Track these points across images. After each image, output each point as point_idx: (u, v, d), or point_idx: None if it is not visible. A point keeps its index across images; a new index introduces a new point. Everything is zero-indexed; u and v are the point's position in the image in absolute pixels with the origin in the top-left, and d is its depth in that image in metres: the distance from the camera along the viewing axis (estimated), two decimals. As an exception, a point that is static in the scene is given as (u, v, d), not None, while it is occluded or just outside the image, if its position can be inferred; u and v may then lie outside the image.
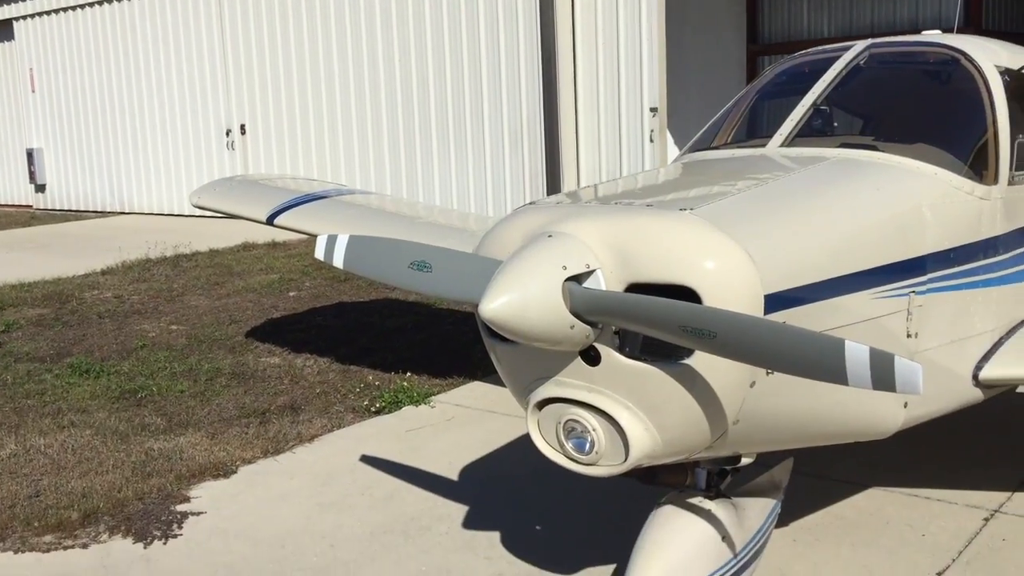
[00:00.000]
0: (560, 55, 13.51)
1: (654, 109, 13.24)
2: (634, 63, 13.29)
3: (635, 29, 13.25)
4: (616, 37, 13.36)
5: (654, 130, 13.23)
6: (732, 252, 3.05)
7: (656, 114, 13.22)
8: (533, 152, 14.03)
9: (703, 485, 3.69)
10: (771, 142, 4.36)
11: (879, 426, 3.70)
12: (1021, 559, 4.14)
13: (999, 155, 4.28)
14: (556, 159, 13.68)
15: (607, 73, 13.45)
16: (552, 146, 13.73)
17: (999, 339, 4.30)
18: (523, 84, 13.99)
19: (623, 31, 13.33)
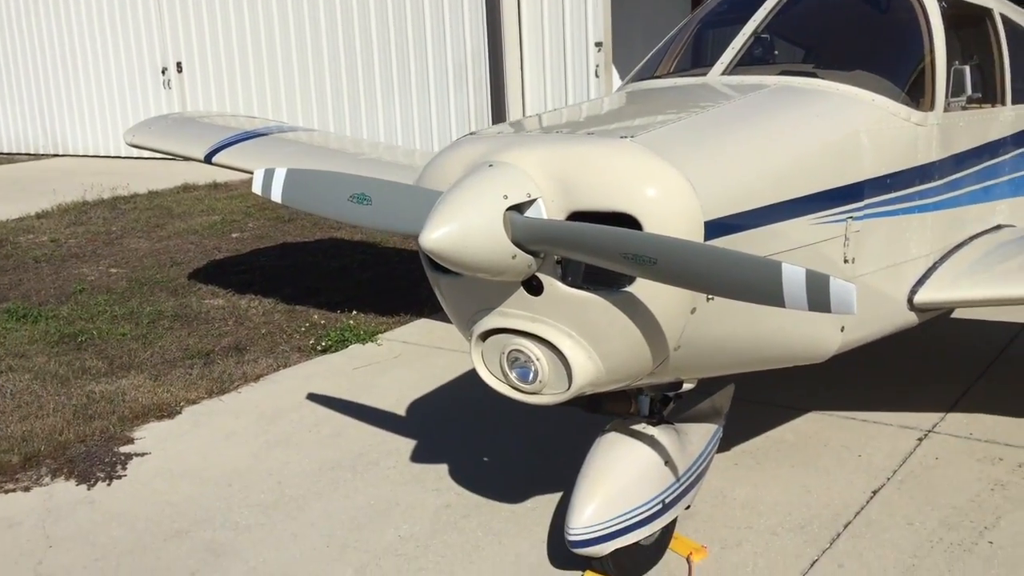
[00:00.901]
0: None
1: (599, 44, 13.14)
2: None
3: (583, -36, 13.06)
4: (560, -30, 13.17)
5: (599, 65, 13.15)
6: (672, 179, 3.05)
7: (601, 49, 13.12)
8: (478, 88, 13.87)
9: (646, 412, 3.74)
10: (712, 70, 4.35)
11: (817, 350, 3.77)
12: (953, 476, 4.29)
13: (935, 82, 4.31)
14: (501, 95, 13.54)
15: (551, 8, 13.28)
16: (497, 82, 13.58)
17: (934, 264, 4.38)
18: (467, 19, 13.76)
19: (567, -36, 13.14)
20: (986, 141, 4.83)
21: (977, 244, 4.70)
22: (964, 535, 3.78)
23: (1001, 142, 5.03)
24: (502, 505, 4.20)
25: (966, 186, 4.61)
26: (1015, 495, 4.07)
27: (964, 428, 4.76)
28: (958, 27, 4.81)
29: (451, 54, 14.02)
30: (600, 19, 13.05)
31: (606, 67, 13.11)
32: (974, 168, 4.69)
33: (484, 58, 13.73)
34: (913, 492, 4.15)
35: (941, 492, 4.14)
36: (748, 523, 3.97)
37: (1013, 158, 5.22)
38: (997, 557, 3.62)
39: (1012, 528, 3.81)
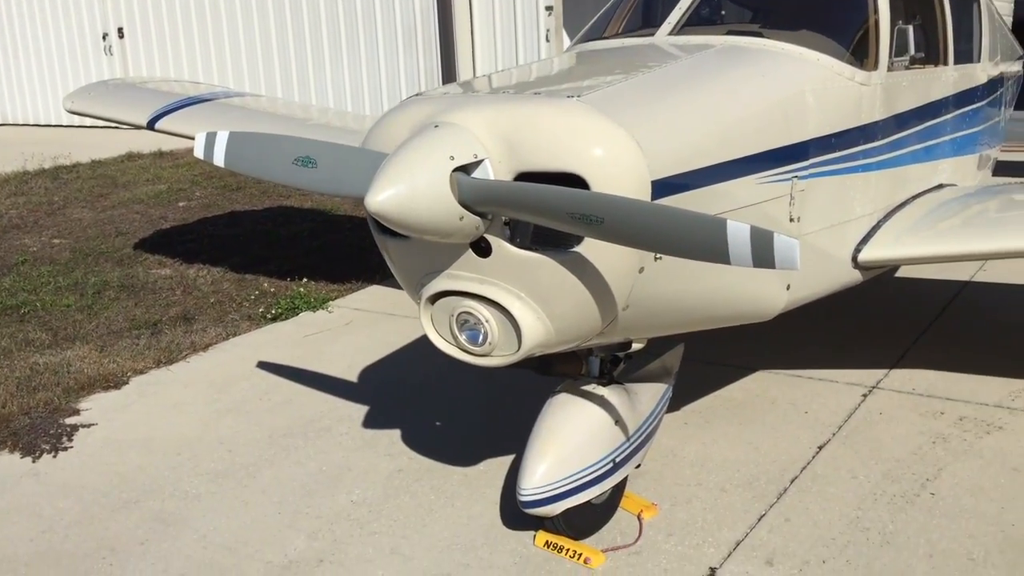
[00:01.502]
0: (452, -48, 13.13)
1: (550, 8, 13.05)
2: (528, -38, 13.01)
3: (529, -76, 12.93)
4: (508, -67, 13.03)
5: (550, 29, 13.06)
6: (619, 138, 3.04)
7: (552, 12, 13.03)
8: (428, 52, 13.72)
9: (596, 373, 3.76)
10: (660, 31, 4.34)
11: (763, 308, 3.81)
12: (895, 430, 4.38)
13: (879, 41, 4.34)
14: (452, 59, 13.40)
15: (503, -25, 13.15)
16: (447, 46, 13.43)
17: (877, 222, 4.44)
18: (416, -20, 13.58)
19: (515, -73, 13.00)
20: (929, 101, 4.88)
21: (920, 203, 4.77)
22: (907, 487, 3.87)
23: (943, 102, 5.10)
24: (455, 468, 4.21)
25: (909, 145, 4.67)
26: (955, 447, 4.17)
27: (907, 384, 4.86)
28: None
29: (400, 17, 13.84)
30: (551, -18, 12.94)
31: (557, 31, 13.03)
32: (917, 128, 4.75)
33: (433, 21, 13.57)
34: (858, 446, 4.24)
35: (884, 446, 4.23)
36: (697, 480, 4.03)
37: (955, 118, 5.30)
38: (938, 507, 3.71)
39: (953, 479, 3.91)
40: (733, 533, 3.63)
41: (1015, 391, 4.67)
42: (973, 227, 4.59)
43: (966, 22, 5.59)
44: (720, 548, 3.54)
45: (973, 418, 4.43)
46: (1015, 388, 4.70)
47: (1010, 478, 3.88)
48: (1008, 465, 3.98)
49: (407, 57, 13.96)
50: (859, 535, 3.56)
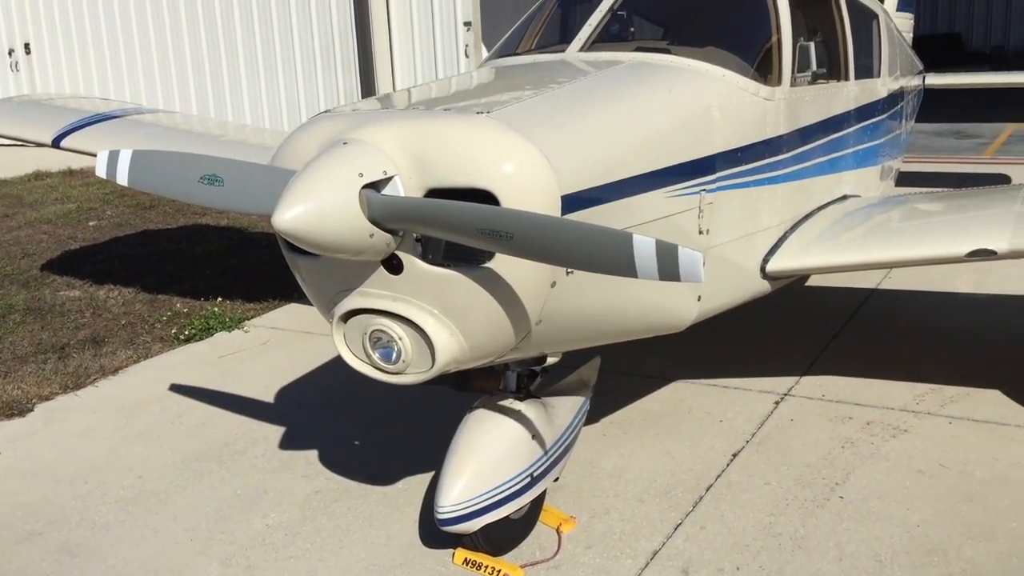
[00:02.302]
0: (370, -33, 13.09)
1: (468, 23, 13.09)
2: (446, -22, 13.05)
3: (446, -59, 12.98)
4: (427, -49, 13.06)
5: (469, 44, 13.10)
6: (528, 154, 3.06)
7: (470, 28, 13.07)
8: (347, 68, 13.62)
9: (514, 387, 3.77)
10: (570, 47, 4.39)
11: (675, 319, 3.87)
12: (806, 436, 4.49)
13: (782, 58, 4.46)
14: (370, 75, 13.33)
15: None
16: (366, 62, 13.36)
17: (784, 233, 4.55)
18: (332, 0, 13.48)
19: (434, -57, 13.04)
20: (831, 115, 5.04)
21: (825, 214, 4.91)
22: (817, 491, 3.96)
23: (846, 116, 5.27)
24: (373, 488, 4.16)
25: (813, 158, 4.81)
26: (863, 451, 4.29)
27: (817, 390, 4.99)
28: (804, 5, 4.98)
29: (318, 33, 13.72)
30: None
31: (476, 46, 13.07)
32: (820, 141, 4.89)
33: (352, 38, 13.49)
34: (770, 453, 4.33)
35: (796, 452, 4.33)
36: (615, 491, 4.06)
37: (857, 131, 5.47)
38: (847, 511, 3.81)
39: (860, 483, 4.02)
40: (650, 543, 3.66)
41: (919, 395, 4.82)
42: (876, 237, 4.73)
43: (866, 39, 5.79)
44: (637, 559, 3.57)
45: (880, 422, 4.56)
46: (919, 392, 4.86)
47: (915, 480, 4.01)
48: (913, 468, 4.11)
49: (325, 73, 13.85)
50: (772, 541, 3.63)
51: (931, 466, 4.10)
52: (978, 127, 13.65)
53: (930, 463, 4.13)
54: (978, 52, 21.42)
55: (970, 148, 12.36)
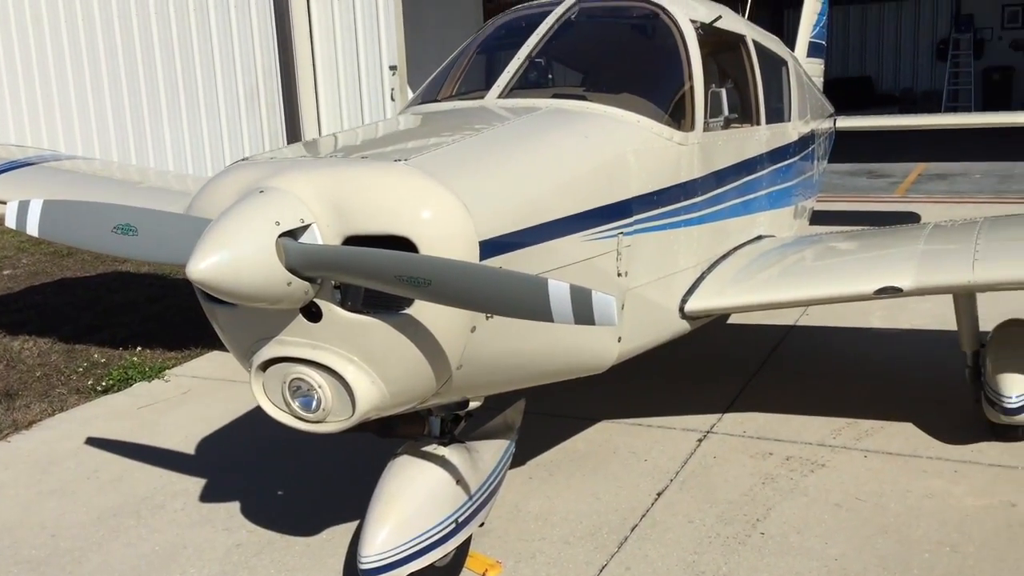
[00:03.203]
0: (294, 11, 13.10)
1: (393, 67, 13.17)
2: (371, 20, 13.13)
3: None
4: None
5: (395, 88, 13.16)
6: (446, 201, 3.10)
7: (396, 72, 13.16)
8: (272, 112, 13.55)
9: (437, 432, 3.76)
10: (489, 94, 4.46)
11: (596, 361, 3.92)
12: (728, 472, 4.55)
13: (695, 104, 4.60)
14: (295, 119, 13.29)
15: (344, 30, 13.19)
16: (291, 106, 13.32)
17: (702, 274, 4.66)
18: (256, 41, 13.44)
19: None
20: (744, 158, 5.19)
21: (741, 254, 5.04)
22: (739, 528, 4.02)
23: (758, 159, 5.43)
24: (296, 539, 4.09)
25: (728, 200, 4.94)
26: (783, 487, 4.37)
27: (739, 427, 5.07)
28: (715, 53, 5.15)
29: (241, 76, 13.65)
30: (394, 43, 13.09)
31: (401, 90, 13.15)
32: (734, 183, 5.03)
33: (276, 81, 13.44)
34: (694, 491, 4.38)
35: (718, 489, 4.39)
36: (542, 534, 4.06)
37: (770, 173, 5.65)
38: (768, 546, 3.87)
39: (780, 518, 4.09)
40: (576, 586, 3.67)
41: (836, 429, 4.94)
42: (789, 276, 4.86)
43: (775, 85, 6.00)
44: (563, 602, 3.57)
45: (799, 457, 4.66)
46: (836, 426, 4.98)
47: (832, 514, 4.09)
48: (831, 501, 4.20)
49: (250, 118, 13.76)
50: (695, 579, 3.67)
51: (848, 499, 4.20)
52: (889, 167, 14.17)
53: (847, 496, 4.22)
54: (888, 94, 22.27)
55: (882, 187, 12.81)
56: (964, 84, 21.23)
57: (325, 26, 13.22)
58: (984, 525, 3.91)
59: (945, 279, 4.22)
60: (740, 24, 5.64)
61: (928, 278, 4.21)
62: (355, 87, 13.29)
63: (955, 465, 4.46)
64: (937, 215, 9.48)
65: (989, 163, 13.78)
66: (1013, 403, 4.42)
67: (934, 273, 4.23)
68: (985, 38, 21.65)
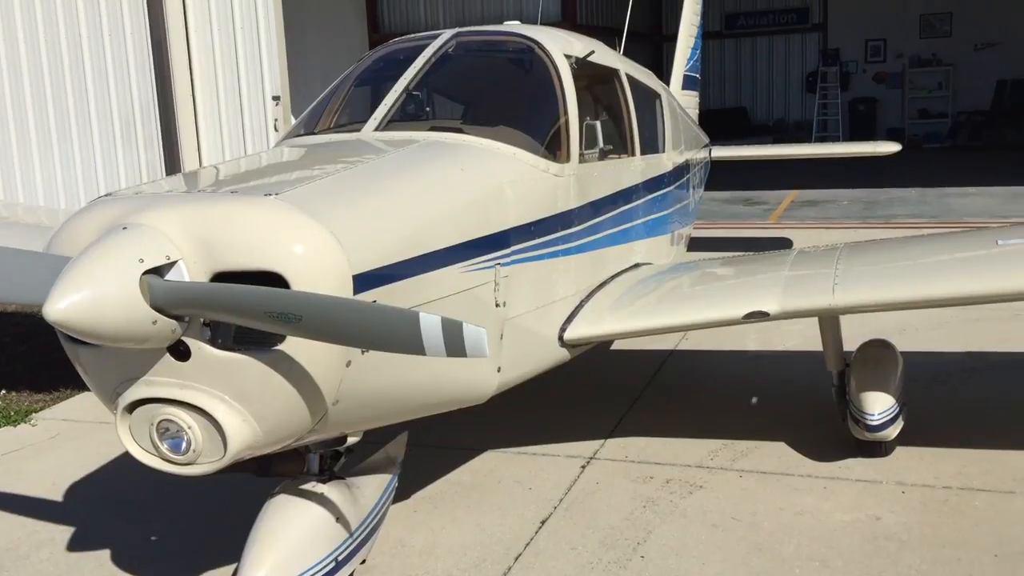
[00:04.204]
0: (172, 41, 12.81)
1: (277, 97, 13.00)
2: (253, 51, 12.96)
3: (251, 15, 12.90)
4: (231, 23, 12.93)
5: (278, 119, 13.00)
6: (318, 235, 3.07)
7: (279, 102, 12.99)
8: (149, 144, 13.17)
9: (316, 469, 3.71)
10: (366, 126, 4.46)
11: (476, 392, 3.93)
12: (611, 498, 4.62)
13: (570, 135, 4.69)
14: (175, 151, 12.95)
15: (224, 61, 12.96)
16: (170, 137, 12.97)
17: (580, 302, 4.73)
18: (132, 70, 13.06)
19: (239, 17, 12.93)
20: (620, 188, 5.32)
21: (619, 282, 5.14)
22: (620, 553, 4.07)
23: (634, 188, 5.58)
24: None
25: (605, 230, 5.05)
26: (663, 509, 4.46)
27: (621, 452, 5.15)
28: (589, 86, 5.28)
29: (116, 106, 13.24)
30: (277, 73, 12.93)
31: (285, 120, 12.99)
32: (611, 213, 5.15)
33: (154, 112, 13.08)
34: (576, 517, 4.42)
35: (600, 514, 4.44)
36: (426, 568, 4.03)
37: (646, 202, 5.80)
38: (647, 569, 3.93)
39: (660, 540, 4.16)
40: (460, 619, 3.65)
41: (713, 451, 5.08)
42: (665, 303, 4.98)
43: (649, 117, 6.18)
44: (447, 636, 3.54)
45: (678, 479, 4.76)
46: (713, 448, 5.11)
47: (709, 534, 4.19)
48: (708, 522, 4.30)
49: (126, 150, 13.34)
50: (578, 605, 3.70)
51: (724, 520, 4.31)
52: (764, 194, 14.73)
53: (723, 517, 4.34)
54: (763, 124, 23.20)
55: (757, 214, 13.30)
56: (832, 115, 22.30)
57: (205, 56, 12.96)
58: (851, 539, 4.07)
59: (808, 303, 4.40)
60: (614, 58, 5.80)
61: (792, 302, 4.39)
62: (237, 118, 13.05)
63: (824, 482, 4.64)
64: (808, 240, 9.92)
65: (856, 190, 14.49)
66: (876, 420, 4.63)
67: (798, 298, 4.42)
68: (851, 71, 22.81)
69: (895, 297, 4.27)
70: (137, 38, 12.95)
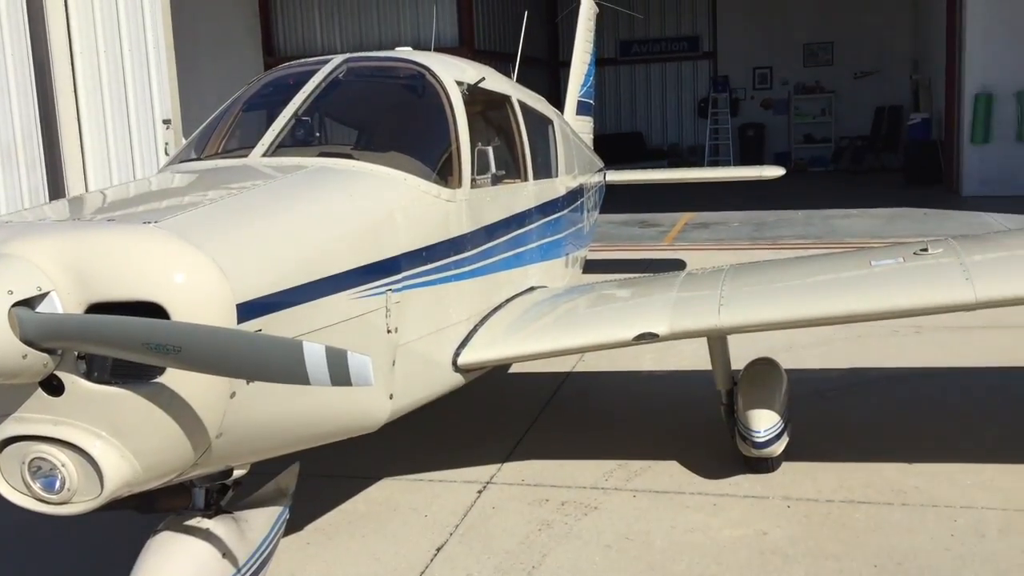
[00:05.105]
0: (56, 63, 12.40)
1: (167, 121, 12.71)
2: (142, 73, 12.65)
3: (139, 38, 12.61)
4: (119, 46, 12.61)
5: (169, 142, 12.70)
6: (199, 264, 3.00)
7: (170, 126, 12.70)
8: (32, 169, 12.67)
9: (202, 504, 3.59)
10: (254, 151, 4.41)
11: (367, 420, 3.89)
12: (506, 522, 4.62)
13: (461, 162, 4.71)
14: (59, 176, 12.51)
15: (112, 83, 12.61)
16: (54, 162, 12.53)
17: (474, 327, 4.74)
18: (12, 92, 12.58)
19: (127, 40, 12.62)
20: (513, 213, 5.37)
21: (513, 305, 5.18)
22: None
23: (528, 213, 5.63)
24: (47, 631, 3.77)
25: (498, 254, 5.08)
26: (558, 532, 4.48)
27: (518, 475, 5.17)
28: (481, 112, 5.33)
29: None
30: (167, 96, 12.66)
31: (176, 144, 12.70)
32: (504, 237, 5.18)
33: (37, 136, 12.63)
34: (472, 543, 4.41)
35: (496, 539, 4.44)
36: (319, 602, 3.95)
37: (540, 226, 5.86)
38: (543, 592, 3.95)
39: (555, 563, 4.18)
40: (353, 652, 3.58)
41: (607, 471, 5.13)
42: (560, 325, 5.03)
43: (542, 142, 6.26)
44: (339, 670, 3.47)
45: (573, 501, 4.80)
46: (608, 468, 5.17)
47: (603, 555, 4.23)
48: (602, 543, 4.34)
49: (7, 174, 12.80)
50: (473, 632, 3.68)
51: (618, 540, 4.36)
52: (660, 216, 15.08)
53: (617, 537, 4.38)
54: (658, 149, 23.79)
55: (652, 236, 13.59)
56: (724, 139, 23.03)
57: (91, 78, 12.57)
58: (739, 554, 4.16)
59: (695, 324, 4.51)
60: (505, 85, 5.86)
61: (680, 324, 4.49)
62: (126, 142, 12.70)
63: (714, 499, 4.74)
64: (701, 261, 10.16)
65: (745, 212, 14.96)
66: (762, 437, 4.76)
67: (686, 319, 4.52)
68: (740, 97, 23.61)
69: (776, 317, 4.42)
70: (18, 59, 12.48)
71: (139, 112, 12.68)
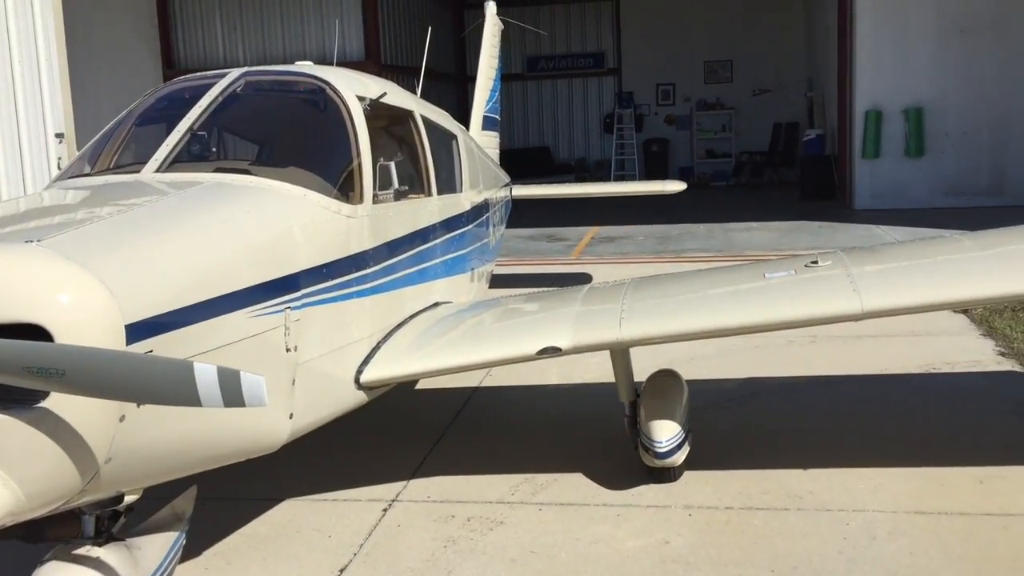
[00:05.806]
0: (-61, 73, 11.88)
1: (60, 135, 12.28)
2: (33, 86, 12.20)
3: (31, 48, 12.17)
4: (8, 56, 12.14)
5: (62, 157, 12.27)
6: (85, 284, 2.92)
7: (63, 140, 12.28)
8: (-88, 183, 12.10)
9: (92, 532, 3.48)
10: (147, 167, 4.30)
11: (267, 440, 3.82)
12: (412, 540, 4.58)
13: (363, 177, 4.68)
14: (-59, 191, 11.97)
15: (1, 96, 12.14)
16: (-63, 176, 11.99)
17: (377, 343, 4.70)
18: None
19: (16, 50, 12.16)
20: (416, 228, 5.35)
21: (417, 321, 5.15)
22: (420, 595, 4.04)
23: (431, 228, 5.62)
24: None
25: (402, 270, 5.05)
26: (463, 548, 4.46)
27: (424, 492, 5.13)
28: (383, 127, 5.30)
29: None
30: (60, 109, 12.24)
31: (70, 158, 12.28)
32: (408, 253, 5.16)
33: (-82, 149, 12.07)
34: (377, 563, 4.35)
35: (402, 557, 4.39)
36: (217, 629, 3.85)
37: (444, 242, 5.86)
38: (448, 610, 3.92)
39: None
40: None
41: (514, 485, 5.14)
42: (464, 341, 5.03)
43: (446, 157, 6.27)
44: None
45: (479, 516, 4.79)
46: (514, 483, 5.18)
47: (508, 570, 4.23)
48: (507, 558, 4.34)
49: None
50: (376, 654, 3.63)
51: (523, 554, 4.36)
52: (567, 230, 15.22)
53: (522, 551, 4.39)
54: (565, 163, 24.07)
55: (559, 250, 13.72)
56: (629, 154, 23.42)
57: (-23, 89, 12.08)
58: (642, 564, 4.21)
59: (597, 337, 4.57)
60: (408, 100, 5.85)
61: (583, 337, 4.54)
62: (15, 156, 12.22)
63: (618, 510, 4.79)
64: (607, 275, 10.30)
65: (650, 226, 15.23)
66: (664, 447, 4.84)
67: (588, 332, 4.57)
68: (644, 113, 24.07)
69: (675, 329, 4.50)
70: None
71: (30, 125, 12.23)
